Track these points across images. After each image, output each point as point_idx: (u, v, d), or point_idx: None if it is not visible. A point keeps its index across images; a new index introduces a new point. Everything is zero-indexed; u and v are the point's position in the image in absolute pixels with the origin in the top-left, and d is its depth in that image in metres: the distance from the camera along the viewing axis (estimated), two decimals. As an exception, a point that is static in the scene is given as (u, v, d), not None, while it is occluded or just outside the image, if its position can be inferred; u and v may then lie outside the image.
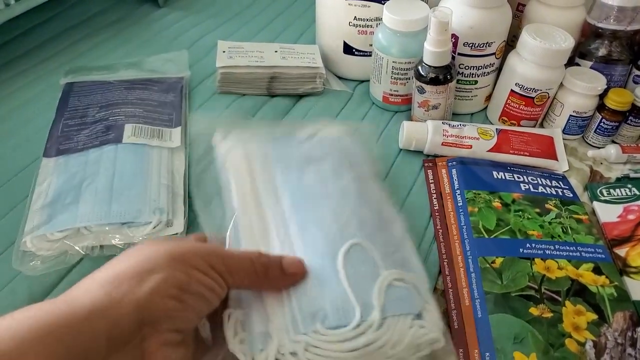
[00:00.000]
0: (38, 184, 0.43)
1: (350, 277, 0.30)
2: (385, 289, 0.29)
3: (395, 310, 0.29)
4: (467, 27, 0.49)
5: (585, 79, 0.49)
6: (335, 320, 0.28)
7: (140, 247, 0.26)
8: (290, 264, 0.30)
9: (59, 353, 0.21)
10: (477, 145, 0.49)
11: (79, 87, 0.54)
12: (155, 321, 0.24)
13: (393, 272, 0.30)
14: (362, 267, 0.30)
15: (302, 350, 0.27)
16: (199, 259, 0.26)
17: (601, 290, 0.37)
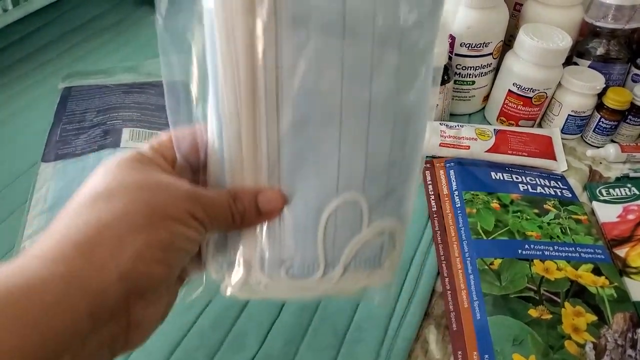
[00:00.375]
0: (37, 189, 0.44)
1: (328, 235, 0.28)
2: (357, 249, 0.28)
3: (358, 267, 0.29)
4: (464, 27, 0.49)
5: (584, 78, 0.49)
6: (299, 273, 0.28)
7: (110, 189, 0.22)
8: (266, 202, 0.26)
9: (34, 341, 0.18)
10: (475, 146, 0.49)
11: (77, 92, 0.54)
12: (142, 289, 0.22)
13: (375, 226, 0.28)
14: (345, 225, 0.28)
15: (263, 284, 0.28)
16: (180, 209, 0.23)
17: (601, 291, 0.37)
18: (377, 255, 0.29)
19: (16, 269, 0.19)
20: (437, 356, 0.35)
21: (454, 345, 0.35)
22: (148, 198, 0.22)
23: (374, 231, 0.28)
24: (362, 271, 0.29)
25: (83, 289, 0.19)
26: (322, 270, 0.28)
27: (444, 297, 0.38)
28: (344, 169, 0.26)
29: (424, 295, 0.38)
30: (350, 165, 0.26)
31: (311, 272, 0.28)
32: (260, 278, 0.28)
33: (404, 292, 0.38)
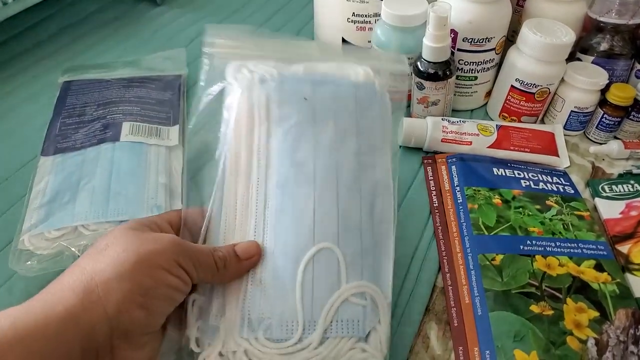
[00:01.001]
0: (36, 182, 0.43)
1: (307, 289, 0.30)
2: (338, 306, 0.29)
3: (339, 333, 0.29)
4: (466, 22, 0.48)
5: (587, 74, 0.49)
6: (277, 333, 0.29)
7: (108, 243, 0.26)
8: (244, 250, 0.30)
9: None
10: (477, 141, 0.48)
11: (77, 86, 0.54)
12: (124, 332, 0.25)
13: (353, 286, 0.30)
14: (323, 278, 0.30)
15: (241, 352, 0.28)
16: (165, 258, 0.26)
17: (603, 287, 0.37)
18: (360, 320, 0.29)
19: (23, 309, 0.23)
20: (438, 351, 0.35)
21: (455, 341, 0.35)
22: (138, 248, 0.26)
23: (354, 290, 0.30)
24: (344, 340, 0.29)
25: (77, 327, 0.23)
26: (300, 330, 0.29)
27: (445, 293, 0.38)
28: (319, 222, 0.31)
29: (425, 291, 0.38)
30: (325, 219, 0.31)
31: (290, 334, 0.29)
32: (239, 344, 0.29)
33: (404, 287, 0.38)
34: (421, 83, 0.49)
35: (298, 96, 0.34)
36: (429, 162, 0.49)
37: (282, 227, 0.31)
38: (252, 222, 0.31)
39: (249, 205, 0.32)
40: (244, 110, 0.34)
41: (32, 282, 0.37)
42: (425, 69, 0.48)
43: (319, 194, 0.32)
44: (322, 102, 0.34)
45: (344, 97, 0.35)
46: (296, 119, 0.33)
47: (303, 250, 0.30)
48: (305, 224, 0.31)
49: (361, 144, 0.34)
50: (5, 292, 0.37)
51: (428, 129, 0.49)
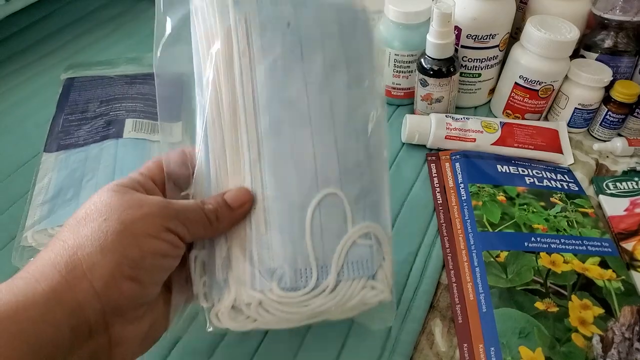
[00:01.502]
0: (39, 179, 0.43)
1: (316, 234, 0.28)
2: (347, 249, 0.29)
3: (351, 274, 0.29)
4: (470, 19, 0.48)
5: (591, 70, 0.48)
6: (291, 282, 0.28)
7: (87, 211, 0.24)
8: (234, 198, 0.28)
9: (22, 349, 0.20)
10: (481, 138, 0.48)
11: (80, 82, 0.53)
12: (116, 307, 0.23)
13: (360, 228, 0.29)
14: (331, 222, 0.29)
15: (256, 304, 0.28)
16: (151, 224, 0.24)
17: (608, 284, 0.37)
18: (368, 260, 0.29)
19: (4, 289, 0.21)
20: (443, 348, 0.35)
21: (459, 338, 0.35)
22: (120, 215, 0.24)
23: (360, 232, 0.29)
24: (356, 281, 0.29)
25: (62, 305, 0.22)
26: (315, 277, 0.28)
27: (449, 290, 0.38)
28: (320, 166, 0.29)
29: (430, 288, 0.38)
30: (326, 162, 0.29)
31: (304, 282, 0.28)
32: (252, 295, 0.28)
33: (409, 284, 0.38)
34: (425, 80, 0.49)
35: (281, 21, 0.29)
36: (433, 159, 0.48)
37: (283, 172, 0.29)
38: (246, 168, 0.29)
39: (239, 150, 0.29)
40: (220, 39, 0.29)
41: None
42: (429, 65, 0.48)
43: (316, 135, 0.29)
44: (307, 28, 0.30)
45: (328, 21, 0.31)
46: (281, 50, 0.29)
47: (308, 196, 0.29)
48: (307, 168, 0.29)
49: (350, 76, 0.31)
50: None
51: (432, 126, 0.48)
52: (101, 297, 0.23)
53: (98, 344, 0.23)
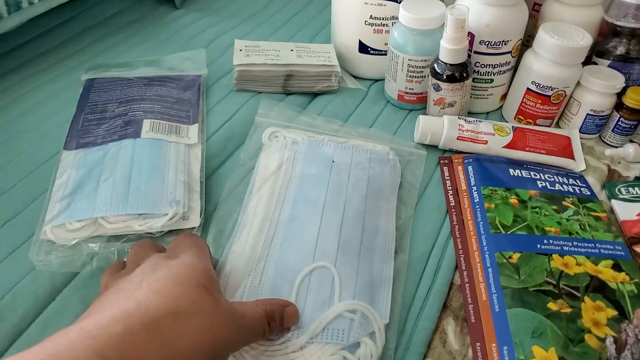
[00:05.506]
0: (58, 176, 0.44)
1: (300, 298, 0.33)
2: (330, 319, 0.32)
3: (324, 339, 0.32)
4: (484, 25, 0.49)
5: (603, 77, 0.49)
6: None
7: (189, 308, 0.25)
8: (289, 318, 0.32)
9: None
10: (493, 141, 0.49)
11: (99, 83, 0.55)
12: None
13: (348, 304, 0.33)
14: (317, 290, 0.34)
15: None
16: (234, 347, 0.27)
17: (621, 286, 0.37)
18: (345, 330, 0.32)
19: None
20: (456, 347, 0.35)
21: (472, 337, 0.35)
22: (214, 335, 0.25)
23: (347, 307, 0.33)
24: (328, 346, 0.31)
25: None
26: (290, 335, 0.32)
27: (462, 290, 0.38)
28: (320, 244, 0.37)
29: (442, 288, 0.38)
30: (326, 242, 0.37)
31: (277, 336, 0.32)
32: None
33: (422, 284, 0.38)
34: (438, 85, 0.50)
35: (322, 157, 0.44)
36: (446, 162, 0.49)
37: (288, 246, 0.37)
38: (261, 240, 0.38)
39: (260, 232, 0.39)
40: (274, 163, 0.44)
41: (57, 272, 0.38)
42: (442, 70, 0.49)
43: (325, 223, 0.38)
44: (341, 163, 0.44)
45: (361, 157, 0.45)
46: (317, 172, 0.42)
47: (301, 266, 0.35)
48: (309, 244, 0.37)
49: (370, 191, 0.42)
50: (31, 280, 0.37)
51: (444, 127, 0.49)
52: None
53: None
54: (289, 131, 0.48)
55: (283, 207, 0.40)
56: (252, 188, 0.43)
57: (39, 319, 0.35)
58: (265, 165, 0.44)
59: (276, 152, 0.45)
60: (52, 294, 0.37)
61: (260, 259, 0.37)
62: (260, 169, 0.44)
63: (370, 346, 0.32)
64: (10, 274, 0.38)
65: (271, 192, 0.42)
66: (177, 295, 0.25)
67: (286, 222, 0.39)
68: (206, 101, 0.56)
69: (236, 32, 0.69)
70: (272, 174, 0.43)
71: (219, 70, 0.60)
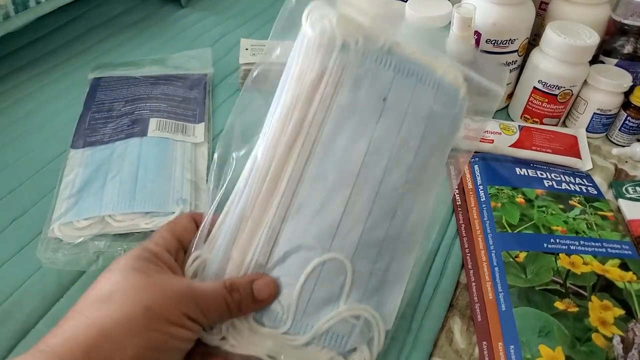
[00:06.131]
0: (65, 174, 0.44)
1: (306, 290, 0.29)
2: (334, 322, 0.29)
3: (321, 343, 0.30)
4: (490, 24, 0.49)
5: (610, 76, 0.49)
6: (265, 319, 0.30)
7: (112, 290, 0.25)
8: (261, 289, 0.29)
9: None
10: (499, 139, 0.49)
11: (106, 82, 0.55)
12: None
13: (354, 308, 0.29)
14: (326, 286, 0.29)
15: (227, 325, 0.29)
16: (175, 312, 0.25)
17: (628, 286, 0.37)
18: (345, 337, 0.29)
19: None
20: (462, 346, 0.35)
21: (478, 336, 0.35)
22: (147, 300, 0.25)
23: (350, 312, 0.29)
24: (325, 350, 0.29)
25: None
26: (289, 324, 0.29)
27: (468, 289, 0.38)
28: (341, 230, 0.29)
29: (449, 287, 0.38)
30: (348, 230, 0.29)
31: (275, 323, 0.29)
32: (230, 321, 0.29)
33: (428, 283, 0.38)
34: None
35: (376, 87, 0.29)
36: (451, 161, 0.49)
37: (305, 219, 0.29)
38: (274, 203, 0.29)
39: (276, 187, 0.29)
40: (311, 75, 0.29)
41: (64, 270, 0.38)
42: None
43: (353, 200, 0.29)
44: (396, 100, 0.30)
45: (421, 102, 0.30)
46: (362, 112, 0.29)
47: (315, 254, 0.29)
48: (329, 226, 0.29)
49: (419, 154, 0.30)
50: (39, 278, 0.38)
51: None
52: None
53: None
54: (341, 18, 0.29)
55: (312, 156, 0.29)
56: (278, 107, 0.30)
57: (47, 317, 0.36)
58: (301, 74, 0.29)
59: (316, 54, 0.28)
60: (60, 292, 0.37)
61: (271, 229, 0.29)
62: (293, 80, 0.29)
63: (365, 354, 0.30)
64: (19, 272, 0.38)
65: (299, 126, 0.29)
66: (100, 285, 0.26)
67: (310, 181, 0.29)
68: (212, 100, 0.56)
69: (241, 31, 0.69)
70: (304, 97, 0.29)
71: (225, 69, 0.61)
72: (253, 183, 0.29)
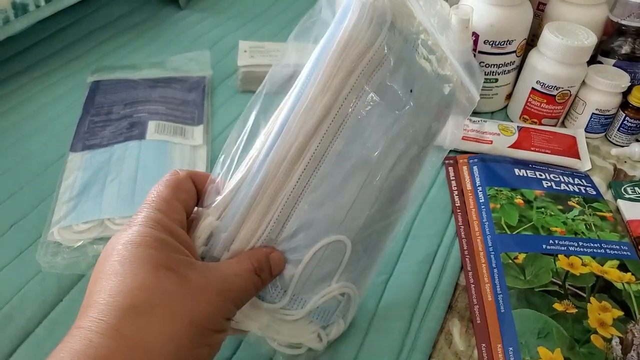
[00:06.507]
0: (65, 177, 0.45)
1: (309, 267, 0.29)
2: (327, 299, 0.30)
3: (312, 318, 0.30)
4: (488, 25, 0.49)
5: (608, 76, 0.49)
6: (266, 296, 0.29)
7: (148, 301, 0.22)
8: (276, 264, 0.28)
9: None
10: (498, 141, 0.49)
11: (105, 85, 0.55)
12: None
13: (343, 286, 0.30)
14: (327, 265, 0.29)
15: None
16: (216, 320, 0.24)
17: (627, 287, 0.37)
18: (330, 312, 0.31)
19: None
20: (461, 347, 0.35)
21: (477, 338, 0.35)
22: (190, 315, 0.22)
23: (340, 290, 0.30)
24: (312, 324, 0.31)
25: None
26: (287, 299, 0.29)
27: (467, 291, 0.38)
28: (351, 212, 0.29)
29: (448, 289, 0.38)
30: (357, 213, 0.29)
31: (275, 299, 0.29)
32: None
33: (427, 285, 0.38)
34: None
35: (408, 75, 0.29)
36: (451, 162, 0.49)
37: (320, 197, 0.28)
38: (296, 175, 0.28)
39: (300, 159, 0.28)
40: (359, 47, 0.27)
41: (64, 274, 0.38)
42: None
43: (367, 185, 0.29)
44: (418, 96, 0.30)
45: (432, 98, 0.31)
46: (392, 96, 0.29)
47: (325, 232, 0.29)
48: (342, 207, 0.29)
49: (418, 154, 0.31)
50: (39, 281, 0.38)
51: (449, 126, 0.49)
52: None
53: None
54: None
55: (340, 131, 0.28)
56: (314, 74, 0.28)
57: (47, 320, 0.36)
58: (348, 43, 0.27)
59: (367, 26, 0.27)
60: (60, 296, 0.37)
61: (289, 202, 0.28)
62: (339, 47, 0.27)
63: (340, 325, 0.32)
64: (19, 276, 0.38)
65: (334, 98, 0.27)
66: (128, 289, 0.22)
67: (334, 159, 0.28)
68: (211, 102, 0.56)
69: (241, 32, 0.69)
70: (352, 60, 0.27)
71: (224, 71, 0.61)
72: (277, 152, 0.28)
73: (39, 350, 0.34)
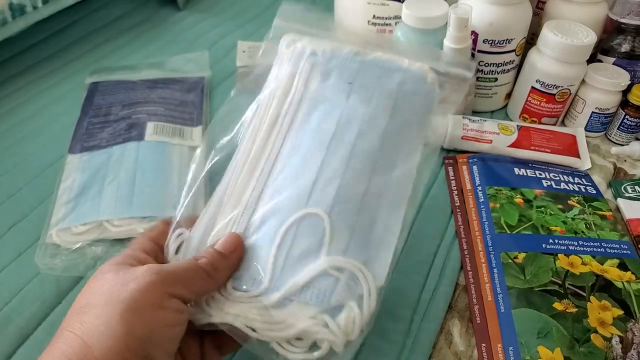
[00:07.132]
0: (63, 179, 0.44)
1: (283, 249, 0.29)
2: (313, 275, 0.28)
3: (303, 298, 0.28)
4: (487, 24, 0.49)
5: (608, 74, 0.49)
6: (244, 285, 0.29)
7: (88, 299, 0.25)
8: (225, 245, 0.29)
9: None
10: (498, 140, 0.49)
11: (104, 87, 0.55)
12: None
13: (335, 260, 0.28)
14: (303, 243, 0.29)
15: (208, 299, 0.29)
16: (151, 294, 0.24)
17: (627, 286, 0.37)
18: (327, 292, 0.28)
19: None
20: (461, 348, 0.35)
21: (477, 338, 0.35)
22: (119, 295, 0.24)
23: (330, 263, 0.28)
24: (307, 307, 0.28)
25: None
26: (265, 285, 0.28)
27: (467, 291, 0.38)
28: (317, 188, 0.30)
29: (448, 289, 0.38)
30: (324, 186, 0.30)
31: (255, 286, 0.28)
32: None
33: (427, 285, 0.38)
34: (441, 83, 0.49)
35: (343, 76, 0.34)
36: (450, 162, 0.49)
37: (281, 187, 0.31)
38: (258, 170, 0.32)
39: (257, 166, 0.32)
40: (285, 75, 0.35)
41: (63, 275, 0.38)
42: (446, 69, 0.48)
43: (327, 161, 0.31)
44: (364, 81, 0.34)
45: (388, 80, 0.34)
46: (331, 96, 0.33)
47: (293, 211, 0.30)
48: (304, 186, 0.30)
49: (391, 127, 0.32)
50: (38, 284, 0.38)
51: (449, 126, 0.49)
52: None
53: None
54: (311, 40, 0.36)
55: (288, 135, 0.33)
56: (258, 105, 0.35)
57: (45, 322, 0.36)
58: (277, 75, 0.35)
59: (289, 62, 0.35)
60: (58, 298, 0.37)
61: (252, 199, 0.31)
62: (269, 82, 0.35)
63: (354, 311, 0.28)
64: (17, 277, 0.38)
65: (276, 115, 0.33)
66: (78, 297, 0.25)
67: (286, 154, 0.32)
68: (210, 103, 0.56)
69: (239, 33, 0.69)
70: (280, 91, 0.34)
71: (223, 72, 0.60)
72: (237, 164, 0.32)
73: (38, 352, 0.33)
